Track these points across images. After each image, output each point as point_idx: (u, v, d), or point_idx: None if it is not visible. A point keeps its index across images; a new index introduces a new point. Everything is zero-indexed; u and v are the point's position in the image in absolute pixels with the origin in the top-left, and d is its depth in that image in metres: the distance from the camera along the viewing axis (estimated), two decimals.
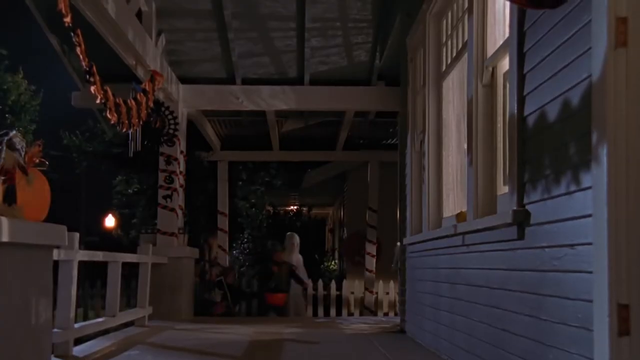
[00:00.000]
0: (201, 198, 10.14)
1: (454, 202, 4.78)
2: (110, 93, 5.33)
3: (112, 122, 5.45)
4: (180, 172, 8.12)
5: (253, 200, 12.71)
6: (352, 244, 12.41)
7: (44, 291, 3.13)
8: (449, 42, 4.84)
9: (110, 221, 25.68)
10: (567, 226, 2.47)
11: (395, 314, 9.17)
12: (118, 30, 5.70)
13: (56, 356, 4.38)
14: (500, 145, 3.63)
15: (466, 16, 4.15)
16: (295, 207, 16.24)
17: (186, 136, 8.40)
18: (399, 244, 6.55)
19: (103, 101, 5.16)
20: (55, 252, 4.31)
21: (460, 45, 4.48)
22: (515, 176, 2.99)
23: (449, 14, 4.82)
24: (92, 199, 26.07)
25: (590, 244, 2.26)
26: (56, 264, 4.51)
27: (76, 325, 4.81)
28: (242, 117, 9.76)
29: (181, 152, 8.17)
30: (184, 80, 8.22)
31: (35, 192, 3.10)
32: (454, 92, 4.84)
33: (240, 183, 11.80)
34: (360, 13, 7.15)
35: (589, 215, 2.26)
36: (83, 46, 4.68)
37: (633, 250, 2.09)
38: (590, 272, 2.24)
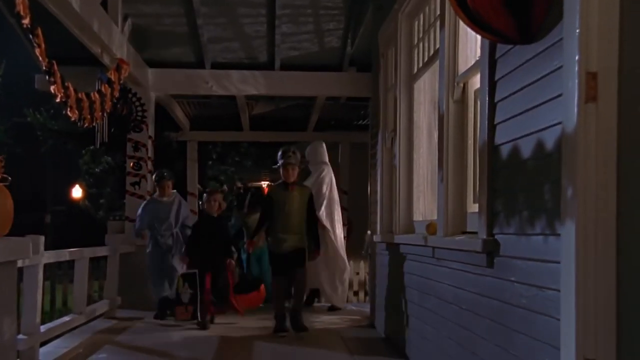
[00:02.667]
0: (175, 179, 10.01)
1: (424, 205, 4.80)
2: (71, 89, 5.17)
3: (73, 119, 5.30)
4: (149, 158, 8.01)
5: (222, 178, 12.61)
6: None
7: (7, 309, 3.09)
8: (421, 45, 4.80)
9: (77, 192, 25.35)
10: (537, 267, 2.50)
11: (366, 294, 9.23)
12: (83, 22, 5.52)
13: None
14: (470, 162, 3.64)
15: (438, 23, 4.11)
16: (267, 183, 16.15)
17: (154, 119, 8.26)
18: (369, 232, 6.58)
19: (64, 100, 5.01)
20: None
21: (432, 51, 4.44)
22: (485, 205, 3.00)
23: (421, 16, 4.77)
24: (58, 168, 25.62)
25: (558, 290, 2.28)
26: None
27: (42, 328, 4.77)
28: (212, 99, 9.63)
29: (149, 137, 8.04)
30: (152, 64, 8.05)
31: None
32: (425, 94, 4.82)
33: (210, 163, 11.69)
34: (332, 1, 7.04)
35: (558, 262, 2.29)
36: (43, 46, 4.51)
37: (601, 303, 2.12)
38: (558, 320, 2.27)
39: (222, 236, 6.61)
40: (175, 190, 7.33)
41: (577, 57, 2.14)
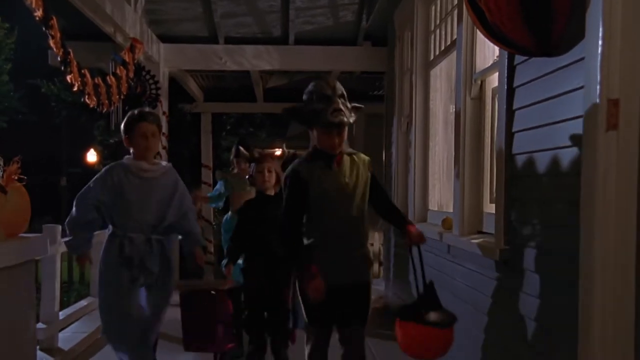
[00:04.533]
0: (185, 153, 10.00)
1: (440, 194, 4.78)
2: (88, 77, 5.15)
3: (92, 106, 5.30)
4: (163, 134, 8.00)
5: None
6: None
7: (27, 307, 3.17)
8: (438, 32, 4.71)
9: (92, 156, 25.52)
10: (554, 283, 2.49)
11: (380, 264, 9.20)
12: (95, 4, 5.47)
13: (42, 349, 4.43)
14: (487, 161, 3.61)
15: (455, 12, 4.03)
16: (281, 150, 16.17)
17: (168, 94, 8.23)
18: None
19: (81, 88, 5.00)
20: None
21: (449, 40, 4.37)
22: (502, 212, 2.99)
23: (439, 2, 4.67)
24: (73, 134, 25.75)
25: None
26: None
27: (61, 315, 4.86)
28: (226, 73, 9.56)
29: (164, 112, 8.02)
30: (164, 39, 7.97)
31: (15, 208, 3.08)
32: (442, 82, 4.75)
33: (224, 134, 11.67)
34: None
35: (575, 281, 2.28)
36: (58, 36, 4.48)
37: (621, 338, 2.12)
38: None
39: None
40: (166, 162, 3.77)
41: (598, 82, 2.10)
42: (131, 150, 3.59)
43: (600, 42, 2.10)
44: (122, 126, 3.62)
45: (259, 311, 3.86)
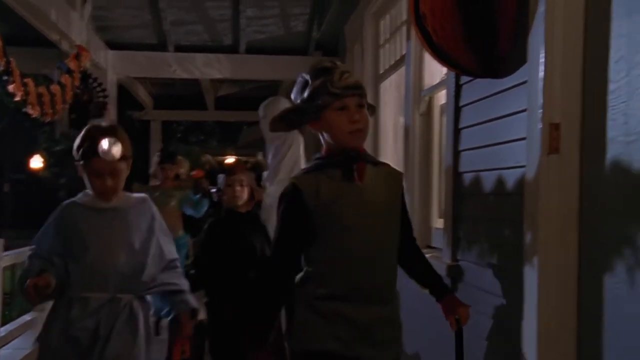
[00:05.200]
0: (134, 163, 9.84)
1: None
2: (31, 85, 5.01)
3: (34, 116, 5.16)
4: None
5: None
6: None
7: None
8: (387, 46, 4.76)
9: (36, 162, 24.82)
10: (499, 302, 2.54)
11: None
12: (40, 12, 5.34)
13: None
14: (436, 177, 3.65)
15: (404, 28, 4.07)
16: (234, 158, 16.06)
17: (116, 101, 8.09)
18: None
19: (24, 98, 4.86)
20: None
21: (398, 55, 4.41)
22: (450, 229, 3.03)
23: (388, 17, 4.72)
24: (17, 140, 25.00)
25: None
26: None
27: (2, 331, 4.71)
28: (176, 81, 9.46)
29: (111, 120, 7.88)
30: (113, 46, 7.84)
31: None
32: (391, 95, 4.80)
33: (174, 142, 11.55)
34: None
35: (521, 302, 2.32)
36: (1, 44, 4.35)
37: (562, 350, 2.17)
38: None
39: (263, 253, 3.28)
40: (136, 194, 2.77)
41: (540, 107, 2.15)
42: (86, 179, 2.54)
43: (542, 67, 2.15)
44: (74, 147, 2.56)
45: None
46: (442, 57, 2.56)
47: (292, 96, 2.18)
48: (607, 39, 1.96)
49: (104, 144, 2.43)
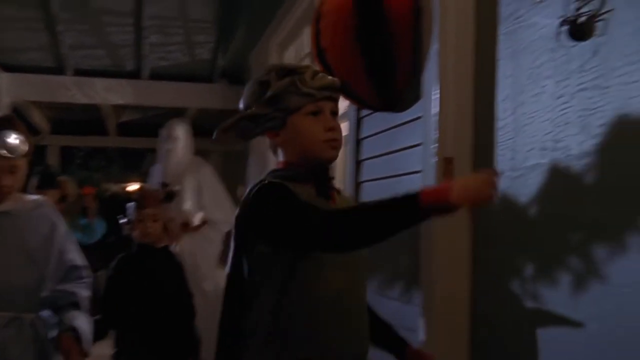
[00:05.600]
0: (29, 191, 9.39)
1: None
2: None
3: None
4: None
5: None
6: None
7: None
8: None
9: None
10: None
11: None
12: None
13: None
14: None
15: (308, 60, 4.13)
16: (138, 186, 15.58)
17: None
18: None
19: None
20: None
21: None
22: None
23: (292, 48, 4.78)
24: None
25: None
26: None
27: None
28: (75, 105, 9.14)
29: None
30: (7, 68, 7.50)
31: None
32: None
33: (74, 169, 11.12)
34: (201, 14, 6.90)
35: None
36: None
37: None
38: None
39: (179, 293, 3.11)
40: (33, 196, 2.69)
41: (435, 141, 2.23)
42: None
43: (435, 103, 2.23)
44: None
45: None
46: (343, 91, 2.61)
47: (243, 102, 1.82)
48: (494, 78, 2.07)
49: (9, 137, 2.19)
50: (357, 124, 3.03)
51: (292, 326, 1.59)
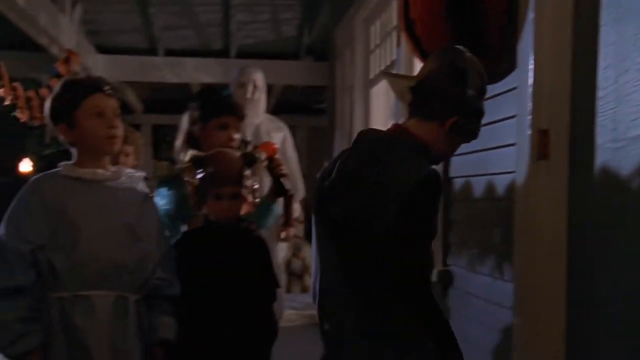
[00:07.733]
0: None
1: None
2: (20, 90, 5.00)
3: (23, 120, 5.13)
4: None
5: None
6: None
7: None
8: (378, 52, 4.77)
9: (25, 166, 24.58)
10: (488, 308, 2.54)
11: None
12: (29, 17, 5.32)
13: None
14: None
15: (394, 34, 4.08)
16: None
17: None
18: None
19: (13, 102, 4.84)
20: None
21: (389, 60, 4.42)
22: (441, 235, 3.03)
23: (378, 23, 4.73)
24: (4, 144, 24.83)
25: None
26: None
27: None
28: (166, 85, 9.45)
29: None
30: (102, 50, 7.84)
31: None
32: (382, 100, 4.82)
33: (165, 147, 11.50)
34: None
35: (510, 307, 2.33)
36: None
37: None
38: None
39: (257, 274, 2.34)
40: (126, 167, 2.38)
41: (529, 113, 2.17)
42: (73, 152, 2.13)
43: (531, 74, 2.17)
44: (51, 107, 2.12)
45: None
46: None
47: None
48: (595, 46, 1.98)
49: None
50: None
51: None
